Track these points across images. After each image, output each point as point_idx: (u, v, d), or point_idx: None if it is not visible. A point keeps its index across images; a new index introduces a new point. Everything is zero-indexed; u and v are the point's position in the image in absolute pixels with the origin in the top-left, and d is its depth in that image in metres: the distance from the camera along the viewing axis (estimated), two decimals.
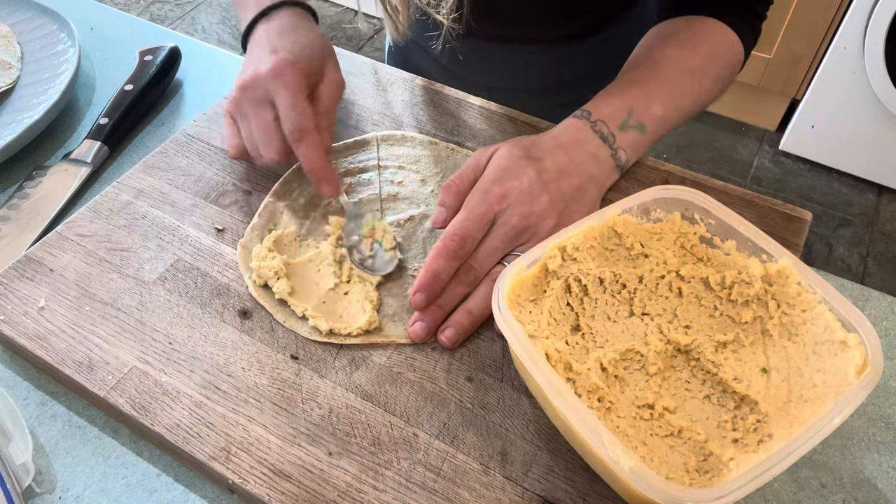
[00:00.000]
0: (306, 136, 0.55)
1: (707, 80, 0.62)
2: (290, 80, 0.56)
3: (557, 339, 0.47)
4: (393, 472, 0.44)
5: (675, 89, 0.60)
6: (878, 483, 0.47)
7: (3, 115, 0.69)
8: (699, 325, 0.49)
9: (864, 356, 0.41)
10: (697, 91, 0.61)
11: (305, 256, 0.56)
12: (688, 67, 0.61)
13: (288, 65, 0.56)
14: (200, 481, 0.47)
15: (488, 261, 0.52)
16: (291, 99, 0.56)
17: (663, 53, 0.62)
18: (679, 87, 0.60)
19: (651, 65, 0.61)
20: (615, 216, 0.50)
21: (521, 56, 0.80)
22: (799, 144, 1.97)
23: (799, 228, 0.57)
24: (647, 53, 0.63)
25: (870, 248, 1.81)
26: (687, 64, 0.61)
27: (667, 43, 0.63)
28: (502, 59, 0.80)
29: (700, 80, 0.62)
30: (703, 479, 0.42)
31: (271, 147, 0.56)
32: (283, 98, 0.56)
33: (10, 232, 0.60)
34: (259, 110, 0.57)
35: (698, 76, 0.62)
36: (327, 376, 0.49)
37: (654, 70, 0.61)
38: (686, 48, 0.62)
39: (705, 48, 0.62)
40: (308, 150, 0.55)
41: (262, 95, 0.57)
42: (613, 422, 0.44)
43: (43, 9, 0.79)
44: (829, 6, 1.72)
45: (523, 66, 0.81)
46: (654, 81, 0.60)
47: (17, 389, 0.51)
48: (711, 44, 0.63)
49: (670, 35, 0.64)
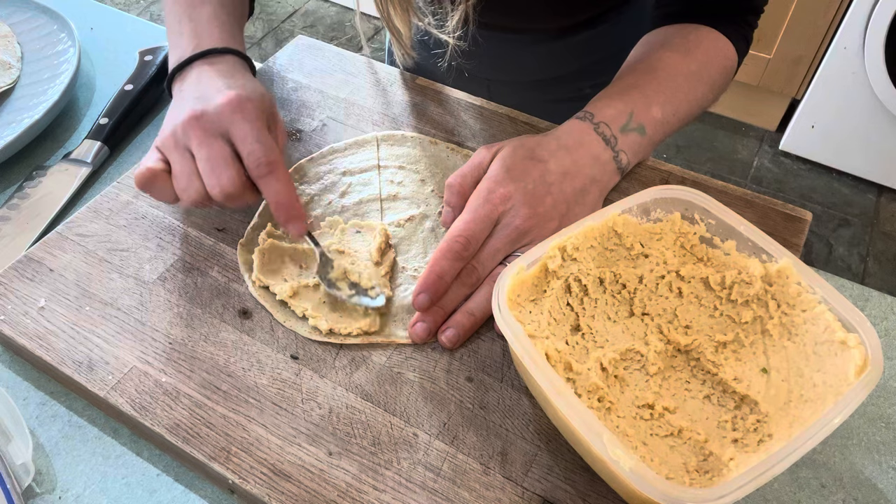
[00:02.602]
0: (276, 168, 0.51)
1: (702, 86, 0.63)
2: (252, 114, 0.52)
3: (557, 339, 0.47)
4: (393, 472, 0.44)
5: (673, 94, 0.61)
6: (878, 483, 0.47)
7: (3, 115, 0.69)
8: (699, 325, 0.49)
9: (865, 356, 0.41)
10: (693, 96, 0.62)
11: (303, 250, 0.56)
12: (684, 73, 0.62)
13: (247, 100, 0.52)
14: (200, 481, 0.47)
15: (490, 262, 0.52)
16: (256, 132, 0.51)
17: (660, 58, 0.62)
18: (676, 92, 0.61)
19: (648, 69, 0.62)
20: (615, 216, 0.50)
21: (521, 48, 0.80)
22: (799, 144, 1.97)
23: (799, 228, 0.57)
24: (644, 58, 0.63)
25: (870, 248, 1.81)
26: (683, 69, 0.62)
27: (663, 48, 0.63)
28: (502, 51, 0.80)
29: (696, 86, 0.62)
30: (704, 480, 0.42)
31: (225, 177, 0.50)
32: (246, 132, 0.51)
33: (10, 232, 0.60)
34: (212, 142, 0.51)
35: (694, 82, 0.62)
36: (327, 376, 0.49)
37: (651, 74, 0.61)
38: (682, 54, 0.62)
39: (700, 54, 0.63)
40: (278, 183, 0.51)
41: (215, 128, 0.51)
42: (613, 422, 0.44)
43: (43, 9, 0.79)
44: (829, 6, 1.72)
45: (523, 58, 0.81)
46: (652, 85, 0.60)
47: (17, 389, 0.51)
48: (706, 50, 0.63)
49: (666, 41, 0.64)
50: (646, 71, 0.62)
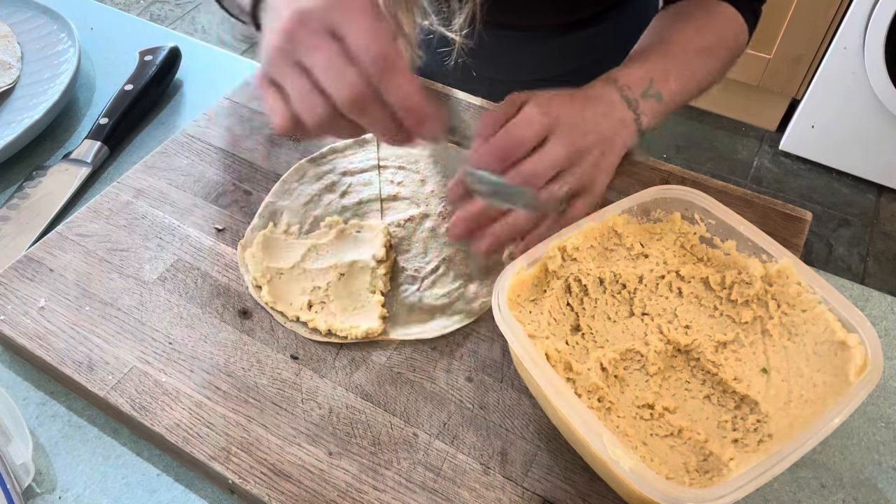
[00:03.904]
0: (396, 63, 0.42)
1: (715, 62, 0.64)
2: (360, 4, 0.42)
3: (557, 339, 0.47)
4: (393, 472, 0.44)
5: (687, 67, 0.62)
6: (878, 483, 0.47)
7: (3, 115, 0.69)
8: (699, 325, 0.49)
9: (865, 356, 0.41)
10: (706, 70, 0.63)
11: (304, 247, 0.56)
12: (698, 48, 0.63)
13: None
14: (200, 481, 0.47)
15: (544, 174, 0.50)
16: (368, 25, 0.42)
17: (675, 32, 0.64)
18: (690, 66, 0.62)
19: (664, 42, 0.63)
20: (615, 216, 0.50)
21: (522, 46, 0.80)
22: (799, 144, 1.97)
23: (799, 228, 0.57)
24: (660, 32, 0.65)
25: (870, 248, 1.81)
26: (698, 44, 0.63)
27: (678, 23, 0.65)
28: (504, 49, 0.80)
29: (708, 61, 0.63)
30: (704, 480, 0.42)
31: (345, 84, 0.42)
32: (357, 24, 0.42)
33: (10, 232, 0.60)
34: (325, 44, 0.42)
35: (707, 57, 0.63)
36: (327, 376, 0.49)
37: (667, 47, 0.62)
38: (696, 29, 0.64)
39: (714, 30, 0.64)
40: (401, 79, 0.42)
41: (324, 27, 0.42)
42: (613, 422, 0.44)
43: (43, 9, 0.79)
44: (829, 6, 1.72)
45: (524, 57, 0.82)
46: (668, 58, 0.61)
47: (17, 389, 0.51)
48: (720, 26, 0.65)
49: (681, 16, 0.65)
50: (662, 44, 0.63)
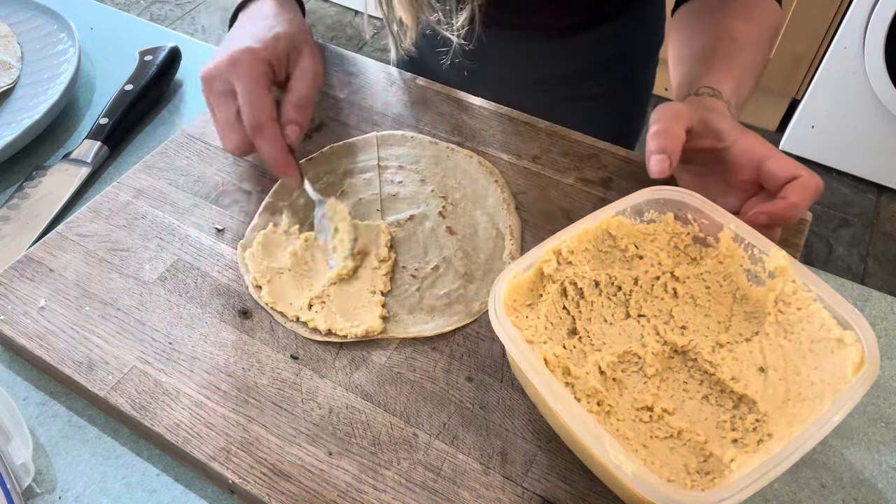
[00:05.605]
0: (263, 129, 0.55)
1: (766, 51, 0.64)
2: (247, 71, 0.56)
3: (555, 343, 0.47)
4: (393, 472, 0.44)
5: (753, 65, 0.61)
6: (878, 483, 0.47)
7: (3, 115, 0.69)
8: (695, 325, 0.49)
9: (861, 353, 0.41)
10: (762, 64, 0.63)
11: (304, 247, 0.56)
12: (753, 41, 0.62)
13: (245, 53, 0.56)
14: (200, 481, 0.47)
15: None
16: (248, 92, 0.55)
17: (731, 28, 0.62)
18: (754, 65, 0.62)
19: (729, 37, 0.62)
20: (609, 218, 0.50)
21: (526, 47, 0.80)
22: (799, 144, 1.97)
23: (799, 228, 0.58)
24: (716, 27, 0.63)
25: (870, 248, 1.81)
26: (752, 37, 0.62)
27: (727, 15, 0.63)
28: (507, 50, 0.80)
29: (765, 53, 0.63)
30: (705, 481, 0.42)
31: (229, 141, 0.57)
32: (241, 90, 0.56)
33: (10, 232, 0.60)
34: (222, 102, 0.57)
35: (760, 48, 0.63)
36: (327, 376, 0.49)
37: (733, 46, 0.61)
38: (744, 20, 0.63)
39: (759, 18, 0.64)
40: (264, 143, 0.55)
41: (224, 86, 0.57)
42: (613, 425, 0.44)
43: (43, 9, 0.79)
44: (829, 6, 1.72)
45: (528, 58, 0.81)
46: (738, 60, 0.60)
47: (17, 389, 0.51)
48: (763, 11, 0.64)
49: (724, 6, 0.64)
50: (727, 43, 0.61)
